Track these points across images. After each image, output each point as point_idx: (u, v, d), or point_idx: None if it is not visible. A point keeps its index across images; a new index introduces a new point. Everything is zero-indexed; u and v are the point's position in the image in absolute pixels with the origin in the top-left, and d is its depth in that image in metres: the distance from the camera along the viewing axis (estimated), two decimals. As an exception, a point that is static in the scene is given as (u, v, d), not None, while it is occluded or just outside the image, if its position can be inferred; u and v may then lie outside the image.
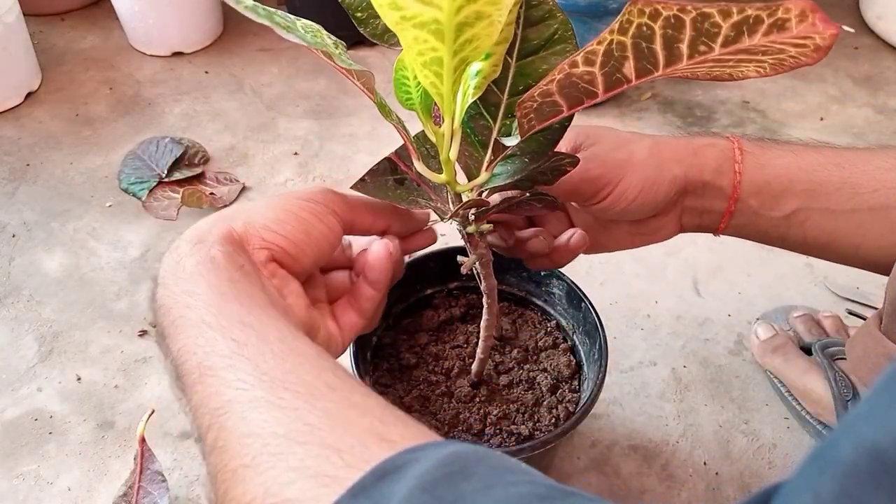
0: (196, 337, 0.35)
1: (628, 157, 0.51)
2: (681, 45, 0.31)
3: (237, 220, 0.40)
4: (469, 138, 0.47)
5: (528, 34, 0.43)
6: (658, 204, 0.52)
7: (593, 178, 0.50)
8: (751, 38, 0.30)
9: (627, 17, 0.31)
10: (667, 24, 0.31)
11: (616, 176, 0.50)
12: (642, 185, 0.50)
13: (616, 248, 0.57)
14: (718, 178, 0.51)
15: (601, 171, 0.50)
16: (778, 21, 0.29)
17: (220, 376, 0.33)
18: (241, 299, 0.36)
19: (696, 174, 0.51)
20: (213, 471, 0.31)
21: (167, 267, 0.39)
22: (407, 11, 0.32)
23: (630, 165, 0.50)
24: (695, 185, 0.52)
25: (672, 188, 0.51)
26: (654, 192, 0.51)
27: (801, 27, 0.28)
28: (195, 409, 0.33)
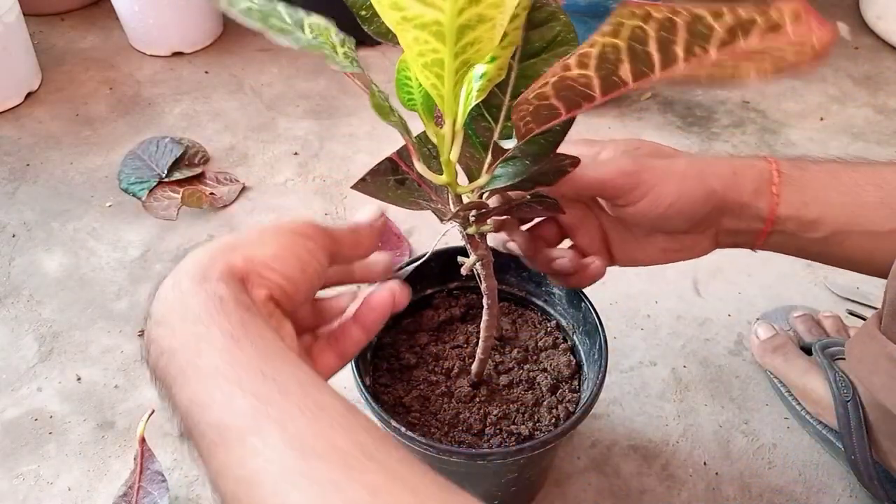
0: (211, 390, 0.32)
1: (668, 164, 0.51)
2: (676, 47, 0.31)
3: (236, 253, 0.38)
4: (470, 140, 0.47)
5: (530, 36, 0.43)
6: (694, 216, 0.51)
7: (630, 172, 0.50)
8: (746, 40, 0.30)
9: (618, 19, 0.31)
10: (660, 27, 0.31)
11: (654, 178, 0.50)
12: (679, 192, 0.50)
13: (649, 263, 0.57)
14: (756, 199, 0.51)
15: (639, 170, 0.50)
16: (771, 23, 0.29)
17: (244, 440, 0.30)
18: (256, 345, 0.34)
19: (734, 194, 0.51)
20: None
21: (168, 304, 0.36)
22: (408, 12, 0.32)
23: (669, 171, 0.50)
24: (732, 205, 0.51)
25: (709, 203, 0.51)
26: (691, 201, 0.50)
27: (796, 28, 0.28)
28: (216, 473, 0.31)
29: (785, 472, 0.70)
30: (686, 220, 0.51)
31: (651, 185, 0.50)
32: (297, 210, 0.96)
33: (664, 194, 0.50)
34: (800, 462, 0.71)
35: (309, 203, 0.97)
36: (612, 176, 0.50)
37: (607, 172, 0.50)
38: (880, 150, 1.06)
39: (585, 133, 1.07)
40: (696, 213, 0.51)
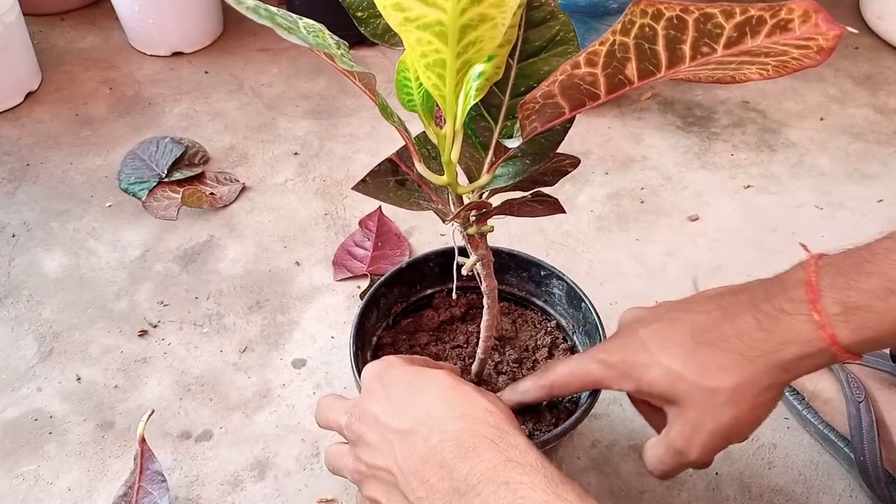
0: None
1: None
2: (683, 46, 0.31)
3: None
4: (470, 140, 0.47)
5: (529, 36, 0.43)
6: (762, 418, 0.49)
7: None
8: (753, 39, 0.30)
9: (630, 17, 0.31)
10: (669, 25, 0.31)
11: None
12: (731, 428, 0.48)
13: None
14: (809, 347, 0.45)
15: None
16: (781, 21, 0.29)
17: None
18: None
19: (785, 363, 0.46)
20: None
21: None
22: (411, 13, 0.32)
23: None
24: (790, 369, 0.47)
25: (773, 397, 0.48)
26: (753, 419, 0.49)
27: (804, 28, 0.28)
28: None
29: (785, 473, 0.70)
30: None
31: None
32: (297, 210, 0.96)
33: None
34: (800, 462, 0.71)
35: (309, 203, 0.97)
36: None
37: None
38: (880, 150, 1.06)
39: (585, 133, 1.07)
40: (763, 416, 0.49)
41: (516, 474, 0.39)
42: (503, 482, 0.39)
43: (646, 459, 0.52)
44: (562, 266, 0.66)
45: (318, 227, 0.94)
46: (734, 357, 0.46)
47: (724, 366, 0.47)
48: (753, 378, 0.46)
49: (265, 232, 0.93)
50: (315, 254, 0.90)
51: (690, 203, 0.97)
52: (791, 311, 0.45)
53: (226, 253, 0.90)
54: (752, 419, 0.48)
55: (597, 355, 0.52)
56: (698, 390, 0.47)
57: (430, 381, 0.46)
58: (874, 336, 0.43)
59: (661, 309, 0.52)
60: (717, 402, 0.47)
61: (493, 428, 0.42)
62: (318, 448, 0.71)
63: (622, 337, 0.52)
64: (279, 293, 0.85)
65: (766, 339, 0.46)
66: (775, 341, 0.45)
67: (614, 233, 0.93)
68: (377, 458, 0.44)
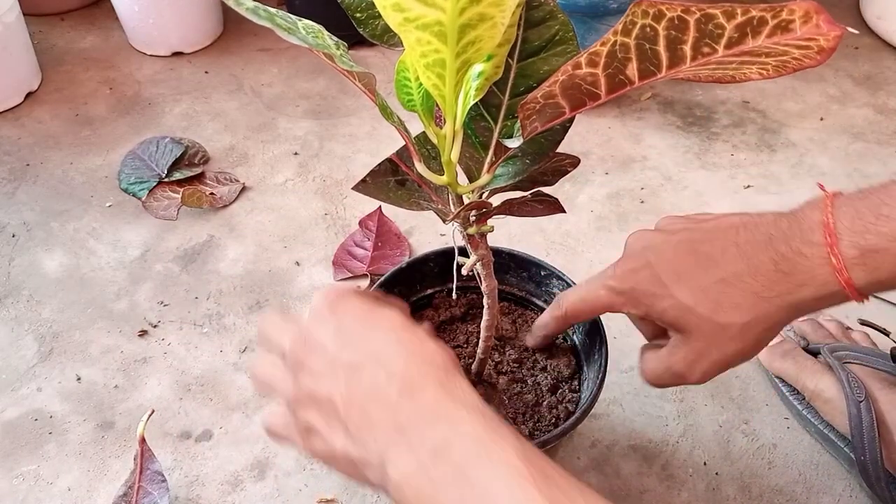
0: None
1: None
2: (684, 46, 0.31)
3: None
4: (470, 140, 0.47)
5: (528, 35, 0.43)
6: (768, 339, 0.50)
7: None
8: (754, 40, 0.30)
9: (631, 17, 0.31)
10: (670, 26, 0.31)
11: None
12: (736, 356, 0.50)
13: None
14: (824, 289, 0.46)
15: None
16: (782, 22, 0.29)
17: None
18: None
19: (798, 303, 0.47)
20: None
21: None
22: (410, 13, 0.32)
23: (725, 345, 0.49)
24: (802, 309, 0.48)
25: (777, 331, 0.49)
26: (756, 345, 0.49)
27: (804, 29, 0.28)
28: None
29: (785, 473, 0.70)
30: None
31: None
32: (297, 210, 0.96)
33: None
34: (800, 462, 0.71)
35: (309, 203, 0.97)
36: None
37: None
38: (880, 150, 1.06)
39: (585, 133, 1.07)
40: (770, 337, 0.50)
41: (458, 413, 0.40)
42: (445, 419, 0.39)
43: (643, 369, 0.54)
44: (562, 266, 0.66)
45: (318, 227, 0.94)
46: (748, 296, 0.47)
47: (737, 303, 0.47)
48: (765, 316, 0.47)
49: (265, 232, 0.93)
50: (315, 254, 0.90)
51: (690, 203, 0.97)
52: (808, 254, 0.45)
53: (226, 253, 0.90)
54: (754, 351, 0.50)
55: (606, 282, 0.53)
56: (708, 324, 0.48)
57: (382, 317, 0.45)
58: (888, 278, 0.44)
59: (675, 238, 0.51)
60: (726, 336, 0.48)
61: (441, 370, 0.42)
62: (318, 448, 0.71)
63: (632, 262, 0.52)
64: (279, 293, 0.85)
65: (782, 281, 0.46)
66: (791, 283, 0.46)
67: (614, 233, 0.93)
68: (321, 387, 0.44)
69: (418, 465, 0.38)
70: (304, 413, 0.45)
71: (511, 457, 0.37)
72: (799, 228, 0.46)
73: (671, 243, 0.51)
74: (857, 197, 0.45)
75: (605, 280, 0.53)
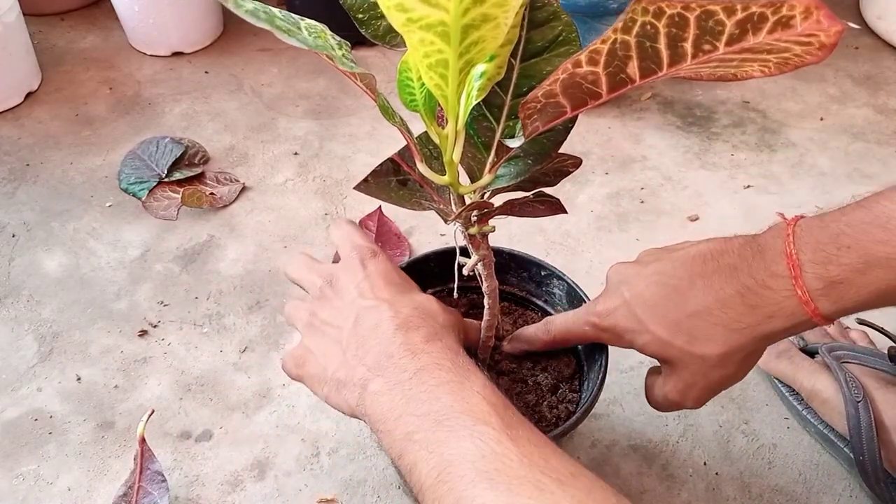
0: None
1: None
2: (685, 43, 0.31)
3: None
4: (472, 140, 0.47)
5: (532, 36, 0.43)
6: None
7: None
8: (755, 36, 0.30)
9: (631, 15, 0.31)
10: (671, 23, 0.31)
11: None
12: (720, 385, 0.52)
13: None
14: (792, 319, 0.47)
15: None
16: (783, 18, 0.29)
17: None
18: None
19: (769, 334, 0.48)
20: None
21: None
22: (413, 13, 0.32)
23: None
24: (773, 338, 0.49)
25: (759, 355, 0.51)
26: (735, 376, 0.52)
27: (805, 24, 0.28)
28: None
29: (785, 473, 0.70)
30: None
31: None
32: (297, 210, 0.96)
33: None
34: (800, 462, 0.71)
35: (309, 203, 0.97)
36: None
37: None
38: (880, 150, 1.06)
39: (585, 133, 1.07)
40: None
41: (442, 353, 0.45)
42: (428, 354, 0.45)
43: (647, 396, 0.57)
44: (562, 266, 0.66)
45: (318, 227, 0.94)
46: (719, 329, 0.48)
47: (710, 336, 0.49)
48: (739, 347, 0.49)
49: (265, 232, 0.93)
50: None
51: (690, 203, 0.97)
52: (774, 287, 0.46)
53: (226, 253, 0.90)
54: (741, 374, 0.52)
55: (589, 318, 0.55)
56: (688, 356, 0.50)
57: (405, 281, 0.53)
58: (853, 306, 0.45)
59: (648, 271, 0.53)
60: (707, 366, 0.50)
61: (439, 324, 0.48)
62: (318, 448, 0.71)
63: (610, 300, 0.54)
64: (279, 293, 0.85)
65: (750, 313, 0.47)
66: (760, 315, 0.47)
67: (614, 233, 0.93)
68: (333, 316, 0.50)
69: (397, 381, 0.44)
70: (312, 339, 0.51)
71: (477, 387, 0.43)
72: (763, 259, 0.47)
73: (643, 276, 0.52)
74: (818, 225, 0.46)
75: (589, 317, 0.55)
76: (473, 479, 0.38)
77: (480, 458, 0.39)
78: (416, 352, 0.45)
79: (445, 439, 0.40)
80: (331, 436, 0.72)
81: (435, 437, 0.41)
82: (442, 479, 0.39)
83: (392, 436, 0.43)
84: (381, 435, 0.44)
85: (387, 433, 0.43)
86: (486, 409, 0.41)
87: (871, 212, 0.44)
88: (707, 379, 0.51)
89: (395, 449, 0.43)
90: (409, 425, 0.42)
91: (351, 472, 0.69)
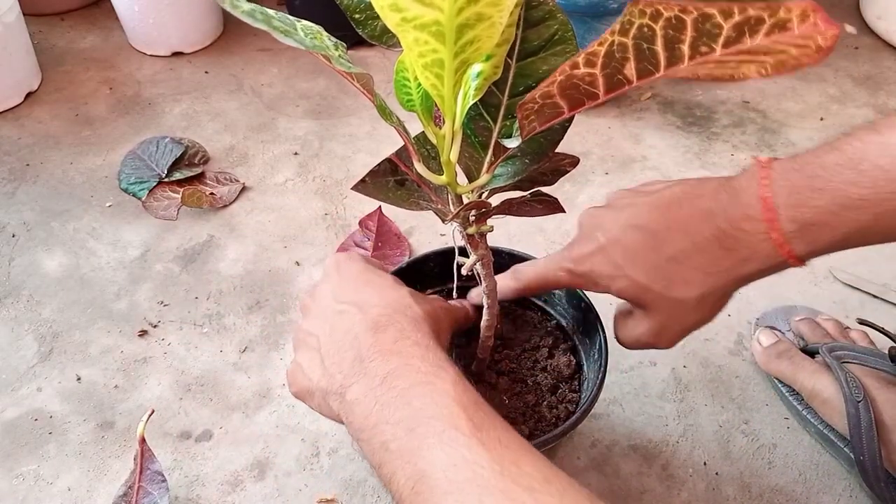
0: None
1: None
2: (682, 45, 0.31)
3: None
4: (469, 140, 0.47)
5: (528, 35, 0.43)
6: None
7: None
8: (752, 39, 0.30)
9: (628, 17, 0.31)
10: (668, 25, 0.31)
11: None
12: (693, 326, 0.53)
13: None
14: (768, 262, 0.48)
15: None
16: (779, 21, 0.29)
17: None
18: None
19: (745, 276, 0.49)
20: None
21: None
22: (408, 13, 0.32)
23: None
24: (748, 279, 0.49)
25: (730, 297, 0.52)
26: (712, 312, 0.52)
27: (802, 27, 0.28)
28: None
29: (785, 472, 0.70)
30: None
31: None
32: (297, 210, 0.96)
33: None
34: (800, 462, 0.71)
35: (309, 203, 0.97)
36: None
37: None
38: (880, 150, 1.06)
39: (585, 133, 1.07)
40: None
41: (411, 351, 0.45)
42: (398, 354, 0.45)
43: (616, 335, 0.57)
44: (561, 266, 0.66)
45: (318, 227, 0.94)
46: (697, 272, 0.49)
47: (687, 280, 0.49)
48: (715, 289, 0.50)
49: (265, 232, 0.93)
50: (315, 254, 0.90)
51: (690, 203, 0.97)
52: (750, 230, 0.46)
53: (226, 253, 0.90)
54: (712, 315, 0.52)
55: (563, 264, 0.55)
56: (664, 300, 0.51)
57: (377, 277, 0.52)
58: (827, 247, 0.46)
59: (619, 213, 0.53)
60: (683, 310, 0.51)
61: (409, 319, 0.48)
62: (318, 448, 0.71)
63: (585, 245, 0.54)
64: (279, 293, 0.85)
65: (726, 257, 0.48)
66: (736, 258, 0.48)
67: (614, 233, 0.93)
68: (313, 326, 0.50)
69: (369, 388, 0.44)
70: (298, 354, 0.51)
71: (447, 386, 0.42)
72: (738, 202, 0.47)
73: (619, 223, 0.53)
74: (792, 167, 0.46)
75: (563, 262, 0.55)
76: (445, 491, 0.38)
77: (451, 466, 0.39)
78: (386, 353, 0.45)
79: (418, 448, 0.40)
80: (331, 436, 0.72)
81: (408, 445, 0.41)
82: (417, 489, 0.39)
83: (371, 445, 0.43)
84: (361, 444, 0.44)
85: (366, 442, 0.44)
86: (455, 412, 0.41)
87: (843, 154, 0.44)
88: (681, 322, 0.52)
89: (375, 459, 0.43)
90: (385, 434, 0.42)
91: (351, 472, 0.69)
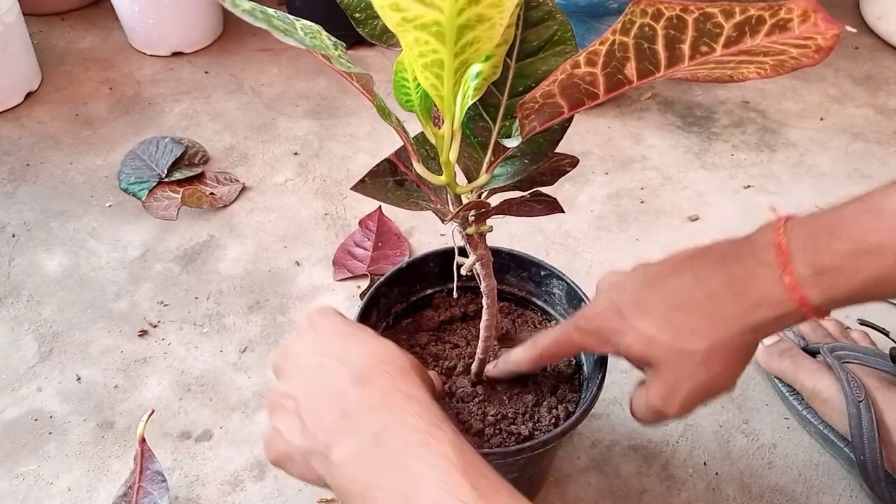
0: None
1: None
2: (683, 45, 0.31)
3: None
4: (469, 140, 0.47)
5: (527, 35, 0.43)
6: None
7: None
8: (752, 39, 0.30)
9: (630, 16, 0.31)
10: (669, 25, 0.31)
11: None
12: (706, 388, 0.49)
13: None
14: (780, 308, 0.45)
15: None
16: (780, 21, 0.29)
17: None
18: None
19: (756, 324, 0.46)
20: None
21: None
22: (408, 13, 0.32)
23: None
24: (761, 330, 0.47)
25: (746, 355, 0.49)
26: (730, 374, 0.49)
27: (802, 27, 0.28)
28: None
29: (785, 472, 0.70)
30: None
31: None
32: (297, 210, 0.96)
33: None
34: (800, 462, 0.71)
35: (309, 203, 0.97)
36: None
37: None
38: (880, 150, 1.06)
39: (585, 133, 1.07)
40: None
41: (402, 405, 0.42)
42: (388, 409, 0.42)
43: (631, 410, 0.54)
44: (562, 266, 0.66)
45: (318, 227, 0.94)
46: (705, 319, 0.47)
47: (696, 329, 0.47)
48: (725, 339, 0.47)
49: (265, 232, 0.93)
50: (315, 254, 0.90)
51: (690, 203, 0.97)
52: (762, 274, 0.45)
53: (226, 253, 0.90)
54: (727, 377, 0.49)
55: (577, 323, 0.54)
56: (672, 353, 0.48)
57: (356, 329, 0.49)
58: (843, 296, 0.44)
59: (636, 274, 0.52)
60: (692, 364, 0.48)
61: (396, 368, 0.45)
62: (318, 448, 0.71)
63: (599, 304, 0.53)
64: (279, 293, 0.85)
65: (737, 302, 0.46)
66: (746, 304, 0.46)
67: (614, 233, 0.93)
68: (287, 386, 0.47)
69: (358, 448, 0.41)
70: (274, 418, 0.47)
71: (446, 448, 0.39)
72: (752, 250, 0.46)
73: (631, 278, 0.52)
74: (810, 219, 0.45)
75: (577, 321, 0.54)
76: None
77: None
78: (375, 408, 0.42)
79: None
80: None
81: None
82: None
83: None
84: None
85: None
86: (457, 480, 0.38)
87: (863, 203, 0.44)
88: (692, 381, 0.48)
89: None
90: (377, 501, 0.39)
91: (350, 472, 0.69)
